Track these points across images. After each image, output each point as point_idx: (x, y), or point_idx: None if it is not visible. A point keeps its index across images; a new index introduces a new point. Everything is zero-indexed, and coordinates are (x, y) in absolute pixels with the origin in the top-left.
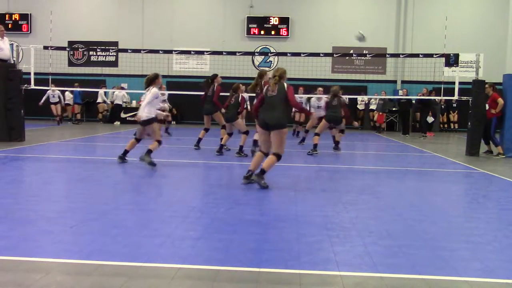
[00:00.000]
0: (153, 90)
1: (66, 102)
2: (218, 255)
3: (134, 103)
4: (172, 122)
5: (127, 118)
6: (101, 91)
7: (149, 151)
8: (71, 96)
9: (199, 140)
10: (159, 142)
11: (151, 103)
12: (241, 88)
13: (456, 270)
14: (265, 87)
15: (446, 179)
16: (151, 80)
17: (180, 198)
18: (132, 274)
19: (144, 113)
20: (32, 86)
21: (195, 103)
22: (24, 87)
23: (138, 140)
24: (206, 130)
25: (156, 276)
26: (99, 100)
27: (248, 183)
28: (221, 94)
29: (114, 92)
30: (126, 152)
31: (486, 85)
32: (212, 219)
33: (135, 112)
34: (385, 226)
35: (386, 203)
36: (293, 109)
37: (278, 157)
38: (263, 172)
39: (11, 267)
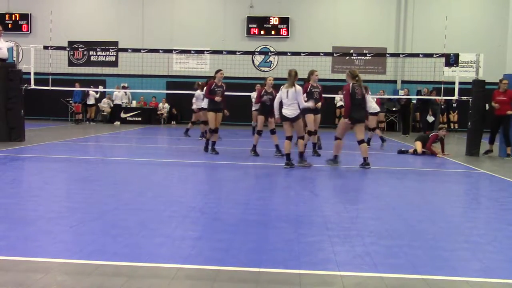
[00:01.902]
0: (299, 87)
1: (91, 103)
2: (218, 255)
3: (134, 103)
4: (172, 122)
5: (127, 118)
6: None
7: (301, 154)
8: (96, 96)
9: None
10: (305, 135)
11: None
12: (268, 82)
13: (456, 270)
14: (352, 88)
15: (446, 179)
16: (295, 77)
17: (180, 198)
18: (132, 274)
19: (289, 110)
20: (32, 86)
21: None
22: (24, 87)
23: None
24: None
25: (156, 276)
26: (92, 102)
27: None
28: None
29: (113, 92)
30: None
31: (504, 81)
32: (212, 219)
33: (136, 112)
34: (385, 226)
35: (386, 203)
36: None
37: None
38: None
39: (11, 267)
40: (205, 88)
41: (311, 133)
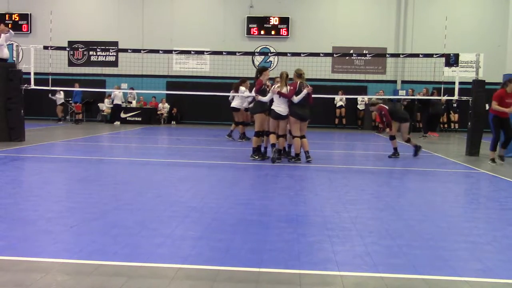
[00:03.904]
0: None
1: (59, 102)
2: (218, 255)
3: (134, 103)
4: (172, 122)
5: (127, 118)
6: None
7: (280, 151)
8: (61, 96)
9: None
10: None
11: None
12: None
13: (456, 270)
14: (299, 86)
15: (446, 179)
16: (286, 78)
17: (180, 198)
18: (132, 274)
19: (283, 108)
20: (32, 86)
21: (195, 103)
22: (24, 87)
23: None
24: None
25: (156, 276)
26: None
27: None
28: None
29: (113, 92)
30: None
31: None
32: (212, 219)
33: (136, 112)
34: (385, 226)
35: (386, 203)
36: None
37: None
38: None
39: (11, 267)
40: (246, 86)
41: (259, 134)
